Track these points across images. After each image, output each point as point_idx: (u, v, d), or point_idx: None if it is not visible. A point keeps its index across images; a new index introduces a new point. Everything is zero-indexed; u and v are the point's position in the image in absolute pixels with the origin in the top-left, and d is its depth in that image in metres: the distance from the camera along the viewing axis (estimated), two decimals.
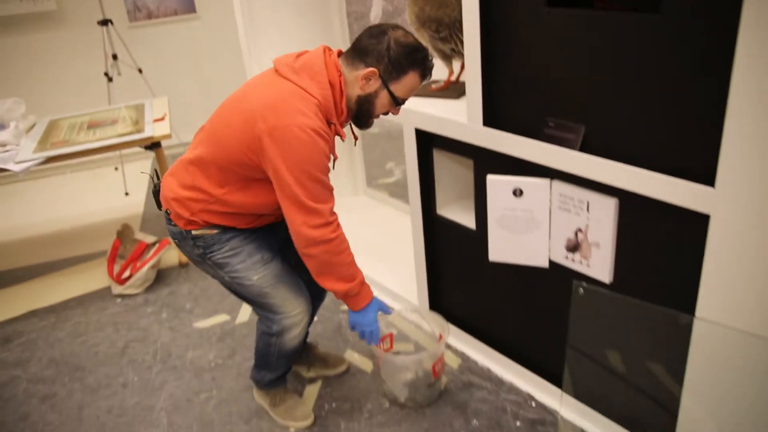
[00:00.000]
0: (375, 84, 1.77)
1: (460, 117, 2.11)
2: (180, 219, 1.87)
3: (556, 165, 1.84)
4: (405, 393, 2.21)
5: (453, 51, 2.29)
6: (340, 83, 1.77)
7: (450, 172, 2.41)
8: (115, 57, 4.61)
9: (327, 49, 1.82)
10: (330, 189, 1.77)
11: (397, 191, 4.01)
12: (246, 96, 1.76)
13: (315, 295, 2.19)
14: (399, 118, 2.34)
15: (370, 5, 3.21)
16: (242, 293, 1.97)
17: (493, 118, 2.00)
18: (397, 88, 1.79)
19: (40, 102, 4.60)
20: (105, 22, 4.55)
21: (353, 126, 1.95)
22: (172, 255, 3.50)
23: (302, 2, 3.34)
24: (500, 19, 1.85)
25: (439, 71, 2.68)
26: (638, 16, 1.53)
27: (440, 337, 2.21)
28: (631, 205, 1.73)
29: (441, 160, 2.35)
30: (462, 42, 2.23)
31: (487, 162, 2.07)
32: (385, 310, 1.99)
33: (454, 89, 2.40)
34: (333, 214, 1.77)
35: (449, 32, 2.24)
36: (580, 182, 1.83)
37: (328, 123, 1.76)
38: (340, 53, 1.84)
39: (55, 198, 4.67)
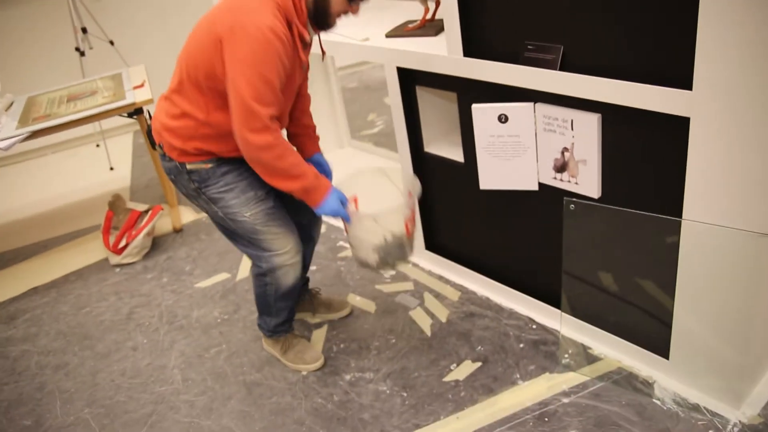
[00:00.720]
0: None
1: (441, 52, 2.13)
2: (173, 150, 1.91)
3: (538, 86, 1.87)
4: (375, 257, 2.10)
5: None
6: None
7: (434, 108, 2.43)
8: (84, 30, 4.53)
9: None
10: (277, 95, 1.74)
11: (382, 140, 4.03)
12: (212, 14, 1.79)
13: (306, 238, 2.25)
14: (380, 57, 2.35)
15: None
16: (234, 229, 2.02)
17: (472, 48, 2.01)
18: None
19: (13, 81, 4.54)
20: None
21: (319, 35, 1.97)
22: (166, 221, 3.53)
23: None
24: None
25: (416, 11, 2.68)
26: None
27: (409, 194, 2.12)
28: (613, 118, 1.76)
29: (425, 97, 2.37)
30: None
31: (471, 92, 2.10)
32: (344, 199, 1.96)
33: (431, 26, 2.41)
34: (274, 121, 1.76)
35: None
36: (563, 101, 1.86)
37: (290, 26, 1.76)
38: None
39: (40, 179, 4.64)
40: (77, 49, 4.50)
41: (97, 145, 5.07)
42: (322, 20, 1.84)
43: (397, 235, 2.09)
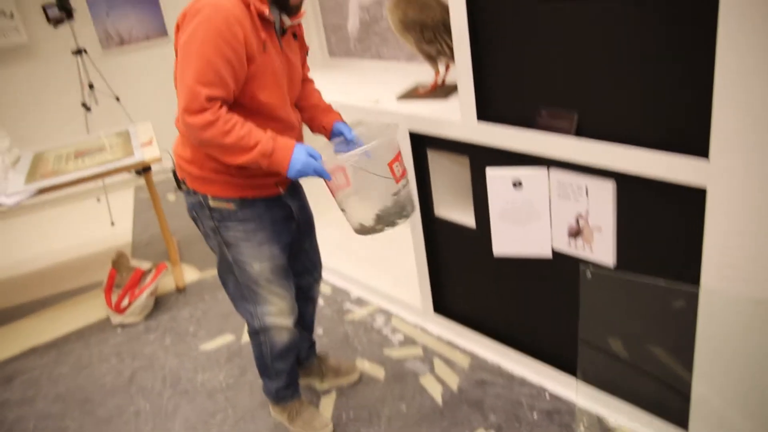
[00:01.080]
0: None
1: (453, 115, 2.14)
2: (195, 181, 1.90)
3: (552, 153, 1.87)
4: (372, 214, 1.92)
5: (438, 52, 2.32)
6: None
7: (445, 171, 2.43)
8: (91, 86, 4.59)
9: None
10: (220, 76, 1.66)
11: None
12: None
13: (304, 299, 2.25)
14: (392, 120, 2.36)
15: (346, 16, 3.24)
16: (237, 276, 2.00)
17: (486, 112, 2.03)
18: None
19: (19, 135, 4.56)
20: (79, 52, 4.52)
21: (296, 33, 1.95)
22: (169, 280, 3.48)
23: None
24: (487, 15, 1.89)
25: (426, 74, 2.71)
26: (624, 8, 1.58)
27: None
28: (628, 186, 1.76)
29: (436, 160, 2.38)
30: (447, 43, 2.27)
31: (483, 157, 2.10)
32: (315, 154, 1.82)
33: (441, 90, 2.43)
34: (211, 101, 1.67)
35: (434, 34, 2.27)
36: (577, 168, 1.86)
37: (247, 6, 1.70)
38: None
39: (39, 234, 4.61)
40: (83, 104, 4.55)
41: (98, 200, 5.06)
42: (282, 2, 1.80)
43: (390, 184, 1.88)
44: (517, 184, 2.01)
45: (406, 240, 3.18)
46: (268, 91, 1.79)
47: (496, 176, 2.04)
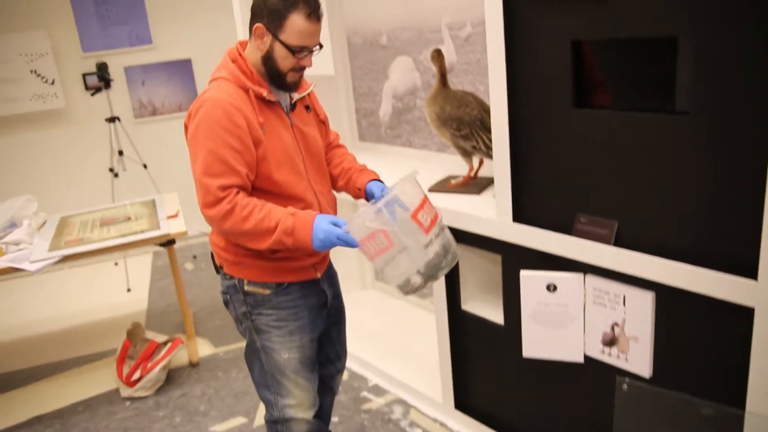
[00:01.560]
0: (267, 39, 1.77)
1: (486, 212, 2.14)
2: (231, 266, 1.90)
3: (589, 260, 1.85)
4: (417, 271, 1.75)
5: (474, 148, 2.35)
6: (238, 51, 1.83)
7: (475, 267, 2.41)
8: (120, 153, 4.66)
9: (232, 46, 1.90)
10: (227, 164, 1.70)
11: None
12: None
13: (325, 389, 2.19)
14: None
15: (379, 102, 3.30)
16: (263, 363, 1.96)
17: (522, 213, 2.02)
18: (286, 36, 1.75)
19: (45, 198, 4.61)
20: (113, 119, 4.63)
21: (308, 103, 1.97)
22: (183, 355, 3.42)
23: None
24: (527, 118, 1.91)
25: (458, 165, 2.73)
26: (665, 118, 1.59)
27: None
28: (669, 298, 1.73)
29: (466, 255, 2.36)
30: (483, 139, 2.29)
31: (517, 257, 2.08)
32: (338, 221, 1.74)
33: (474, 184, 2.44)
34: (225, 190, 1.70)
35: (470, 130, 2.30)
36: (615, 276, 1.83)
37: (246, 91, 1.77)
38: None
39: (55, 295, 4.59)
40: (111, 170, 4.62)
41: (116, 264, 5.06)
42: (279, 82, 1.83)
43: (432, 233, 1.74)
44: (551, 288, 1.98)
45: (430, 329, 3.13)
46: (283, 169, 1.81)
47: (531, 278, 2.02)
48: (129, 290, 4.53)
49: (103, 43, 4.81)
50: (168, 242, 3.17)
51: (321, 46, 1.82)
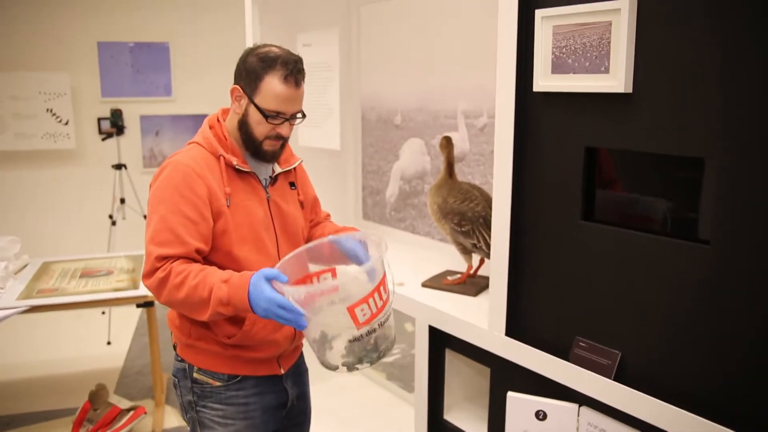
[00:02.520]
0: (244, 102, 1.67)
1: (480, 320, 1.94)
2: (184, 348, 1.73)
3: (586, 391, 1.64)
4: (342, 353, 1.59)
5: (475, 246, 2.17)
6: (217, 117, 1.74)
7: (461, 374, 2.20)
8: (122, 201, 4.57)
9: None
10: (175, 234, 1.54)
11: (395, 373, 3.75)
12: None
13: None
14: (413, 310, 2.18)
15: (387, 182, 3.17)
16: None
17: (516, 328, 1.83)
18: (260, 98, 1.64)
19: (38, 238, 4.50)
20: (119, 167, 4.56)
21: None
22: (146, 424, 3.19)
23: (319, 173, 3.31)
24: (531, 225, 1.74)
25: (457, 259, 2.56)
26: (684, 245, 1.41)
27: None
28: None
29: (453, 362, 2.16)
30: (485, 238, 2.13)
31: (507, 374, 1.87)
32: (280, 277, 1.50)
33: (471, 284, 2.26)
34: (162, 261, 1.54)
35: (472, 227, 2.14)
36: (615, 413, 1.61)
37: (218, 157, 1.66)
38: None
39: (32, 339, 4.40)
40: (110, 216, 4.51)
41: (103, 312, 4.89)
42: (252, 147, 1.70)
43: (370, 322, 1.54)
44: (540, 415, 1.77)
45: (405, 429, 2.88)
46: (246, 246, 1.65)
47: (519, 401, 1.80)
48: (109, 343, 4.34)
49: (123, 90, 4.81)
50: (146, 304, 3.00)
51: (303, 116, 1.70)
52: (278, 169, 1.78)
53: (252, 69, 1.64)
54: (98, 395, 3.13)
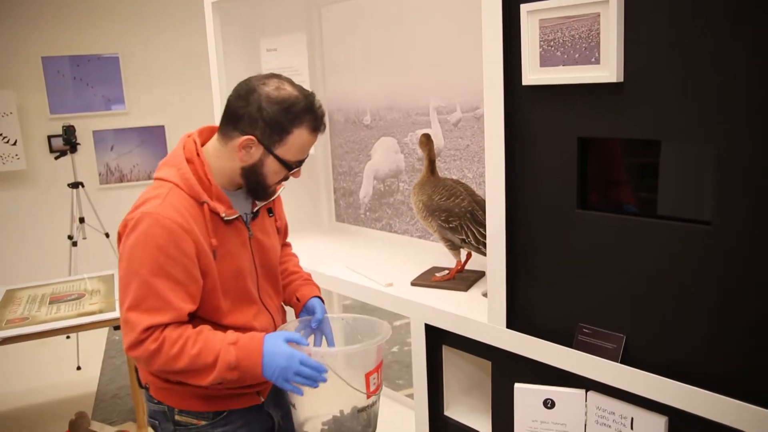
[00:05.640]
0: (257, 152, 1.52)
1: (476, 314, 1.96)
2: (160, 391, 1.61)
3: (593, 376, 1.66)
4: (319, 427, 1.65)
5: (464, 242, 2.19)
6: (198, 153, 1.54)
7: (460, 369, 2.21)
8: (82, 220, 4.43)
9: (189, 134, 1.62)
10: (163, 299, 1.41)
11: (390, 374, 3.76)
12: None
13: None
14: (407, 309, 2.17)
15: (359, 183, 3.16)
16: None
17: (517, 319, 1.84)
18: (284, 151, 1.52)
19: None
20: (76, 185, 4.41)
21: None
22: None
23: (290, 179, 3.27)
24: (526, 216, 1.76)
25: (439, 253, 2.57)
26: (684, 227, 1.45)
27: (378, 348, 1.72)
28: (686, 425, 1.54)
29: (452, 359, 2.16)
30: (473, 233, 2.14)
31: (510, 367, 1.89)
32: (299, 340, 1.52)
33: (461, 279, 2.27)
34: (147, 331, 1.41)
35: (460, 222, 2.15)
36: (622, 395, 1.65)
37: (201, 204, 1.50)
38: (215, 129, 1.62)
39: None
40: (70, 237, 4.36)
41: (68, 337, 4.72)
42: (259, 194, 1.61)
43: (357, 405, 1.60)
44: (548, 404, 1.79)
45: (400, 429, 2.88)
46: (230, 296, 1.56)
47: (526, 392, 1.82)
48: (79, 368, 4.21)
49: (73, 105, 4.66)
50: None
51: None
52: (260, 203, 1.69)
53: (275, 120, 1.48)
54: (79, 424, 3.03)
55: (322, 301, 1.82)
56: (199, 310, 1.53)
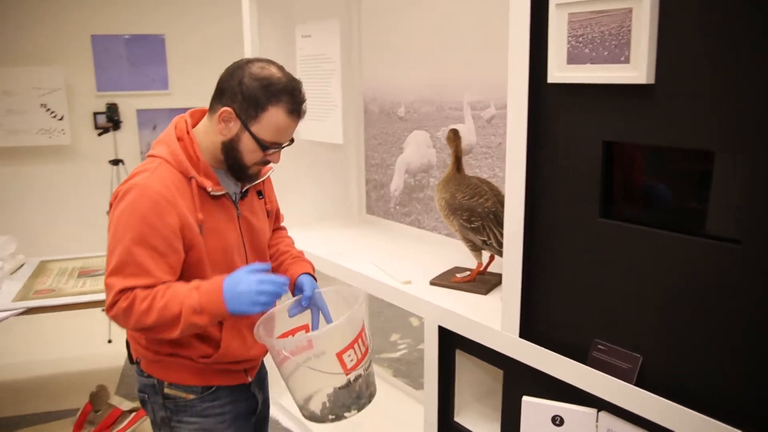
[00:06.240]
0: (235, 126, 1.53)
1: (492, 320, 1.87)
2: (150, 364, 1.64)
3: (605, 396, 1.57)
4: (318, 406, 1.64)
5: (485, 243, 2.10)
6: (188, 131, 1.58)
7: (472, 375, 2.13)
8: None
9: (182, 115, 1.66)
10: (144, 270, 1.44)
11: (402, 369, 3.70)
12: None
13: None
14: (421, 309, 2.11)
15: (391, 176, 3.10)
16: None
17: (531, 330, 1.76)
18: (259, 128, 1.53)
19: (35, 236, 4.42)
20: (116, 162, 4.48)
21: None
22: (147, 427, 3.13)
23: (321, 168, 3.23)
24: (545, 224, 1.67)
25: (469, 257, 2.48)
26: (712, 244, 1.34)
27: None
28: None
29: (464, 364, 2.09)
30: (495, 234, 2.05)
31: (521, 376, 1.81)
32: (262, 268, 1.52)
33: (482, 282, 2.18)
34: (123, 292, 1.44)
35: (482, 223, 2.06)
36: (636, 419, 1.55)
37: (189, 179, 1.53)
38: (206, 111, 1.66)
39: (30, 338, 4.32)
40: (108, 213, 4.44)
41: (103, 309, 4.81)
42: (238, 173, 1.60)
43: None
44: (557, 420, 1.70)
45: (413, 428, 2.82)
46: (218, 269, 1.57)
47: (534, 406, 1.73)
48: (110, 341, 4.28)
49: (118, 83, 4.72)
50: None
51: (292, 141, 1.61)
52: (249, 183, 1.69)
53: (252, 95, 1.51)
54: (99, 396, 3.07)
55: (314, 278, 1.80)
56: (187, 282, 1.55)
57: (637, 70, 1.35)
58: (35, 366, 3.91)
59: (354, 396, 1.62)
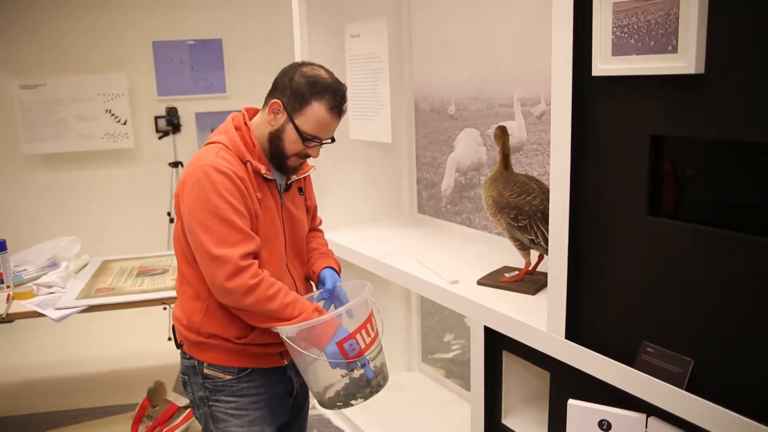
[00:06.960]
0: (282, 117, 1.69)
1: (538, 321, 1.83)
2: (192, 346, 1.74)
3: (654, 401, 1.50)
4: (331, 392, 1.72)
5: (533, 242, 2.05)
6: (245, 121, 1.74)
7: (520, 377, 2.09)
8: None
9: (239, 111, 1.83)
10: (243, 232, 1.60)
11: (455, 370, 3.66)
12: None
13: None
14: (468, 310, 2.08)
15: (442, 174, 3.07)
16: None
17: (577, 332, 1.70)
18: (302, 121, 1.68)
19: (98, 237, 4.58)
20: (176, 164, 4.60)
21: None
22: None
23: (372, 167, 3.23)
24: (592, 222, 1.61)
25: (517, 259, 2.43)
26: (765, 241, 1.26)
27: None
28: None
29: (511, 365, 2.05)
30: (543, 233, 2.00)
31: (568, 379, 1.76)
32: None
33: (530, 282, 2.14)
34: (246, 258, 1.59)
35: (530, 222, 2.01)
36: (687, 426, 1.48)
37: (245, 163, 1.67)
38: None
39: (92, 334, 4.47)
40: (168, 213, 4.56)
41: (165, 308, 4.95)
42: (280, 162, 1.75)
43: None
44: (604, 425, 1.64)
45: (463, 429, 2.79)
46: (267, 247, 1.71)
47: (580, 410, 1.68)
48: (170, 339, 4.40)
49: (178, 88, 4.84)
50: None
51: (333, 140, 1.75)
52: (293, 176, 1.82)
53: (299, 90, 1.67)
54: (156, 392, 3.16)
55: (337, 272, 1.91)
56: None
57: (685, 59, 1.29)
58: (96, 362, 4.05)
59: (361, 385, 1.68)
